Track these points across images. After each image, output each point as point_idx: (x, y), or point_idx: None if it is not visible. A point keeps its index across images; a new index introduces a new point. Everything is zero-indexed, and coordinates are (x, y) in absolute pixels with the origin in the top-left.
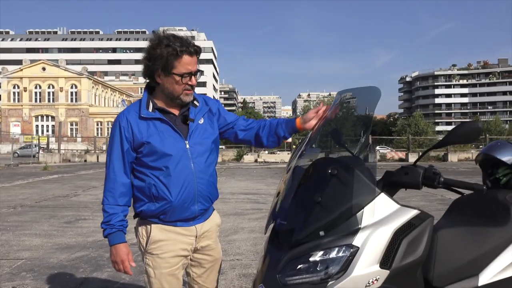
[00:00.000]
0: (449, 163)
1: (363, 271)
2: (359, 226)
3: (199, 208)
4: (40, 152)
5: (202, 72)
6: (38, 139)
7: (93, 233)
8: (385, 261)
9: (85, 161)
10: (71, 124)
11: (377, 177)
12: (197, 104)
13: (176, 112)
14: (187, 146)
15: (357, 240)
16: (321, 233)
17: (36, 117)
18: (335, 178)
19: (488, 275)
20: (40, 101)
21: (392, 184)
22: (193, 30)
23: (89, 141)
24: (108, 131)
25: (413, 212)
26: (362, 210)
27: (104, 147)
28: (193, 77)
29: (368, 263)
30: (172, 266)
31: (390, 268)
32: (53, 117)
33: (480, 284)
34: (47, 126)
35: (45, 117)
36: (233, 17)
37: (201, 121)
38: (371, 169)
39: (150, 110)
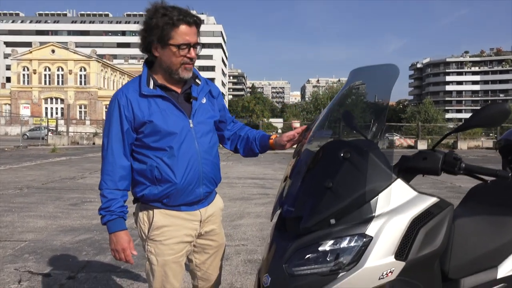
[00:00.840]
0: (459, 151)
1: (377, 263)
2: (373, 214)
3: (204, 191)
4: (49, 134)
5: (201, 45)
6: (47, 122)
7: (97, 216)
8: (401, 252)
9: (94, 144)
10: (80, 107)
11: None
12: (199, 82)
13: (178, 89)
14: (191, 125)
15: (370, 229)
16: (332, 221)
17: (46, 99)
18: (347, 162)
19: (508, 267)
20: (49, 83)
21: (408, 169)
22: (202, 13)
23: (98, 124)
24: None
25: (432, 200)
26: (376, 197)
27: None
28: (192, 49)
29: (382, 254)
30: (177, 253)
31: (406, 259)
32: (62, 100)
33: (499, 276)
34: (56, 108)
35: (54, 99)
36: (243, 2)
37: (204, 100)
38: (387, 153)
39: (151, 87)
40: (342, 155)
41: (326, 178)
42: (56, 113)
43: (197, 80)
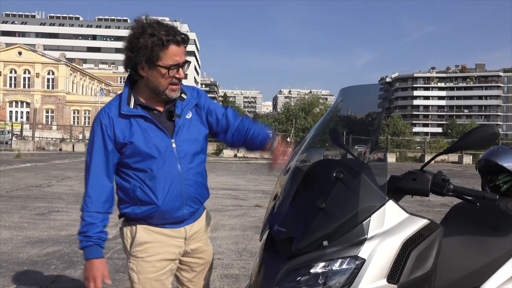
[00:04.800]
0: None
1: (369, 286)
2: (366, 236)
3: (188, 212)
4: (13, 139)
5: (189, 63)
6: (12, 126)
7: (66, 226)
8: (393, 275)
9: (60, 150)
10: (47, 112)
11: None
12: (185, 97)
13: (160, 108)
14: (173, 145)
15: (363, 252)
16: (325, 243)
17: (10, 102)
18: (340, 182)
19: (490, 287)
20: (15, 86)
21: (397, 190)
22: (176, 20)
23: (65, 129)
24: (85, 120)
25: (423, 222)
26: (369, 218)
27: (80, 136)
28: (180, 69)
29: (374, 277)
30: (158, 270)
31: (398, 282)
32: (28, 104)
33: None
34: (22, 112)
35: (19, 103)
36: (217, 10)
37: (189, 115)
38: (379, 173)
39: (132, 106)
40: (334, 175)
41: (319, 198)
42: (22, 117)
43: (182, 95)
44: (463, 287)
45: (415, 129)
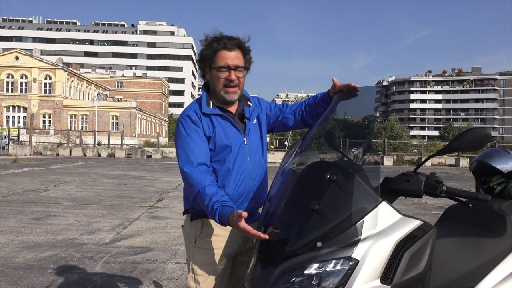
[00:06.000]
0: (423, 167)
1: (363, 286)
2: (359, 237)
3: (251, 206)
4: (10, 144)
5: (244, 68)
6: (8, 131)
7: (63, 231)
8: (386, 275)
9: (57, 154)
10: (44, 116)
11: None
12: (250, 104)
13: (232, 110)
14: (246, 142)
15: (356, 253)
16: (319, 244)
17: (7, 107)
18: (334, 184)
19: None
20: (12, 91)
21: (391, 191)
22: (173, 25)
23: (62, 134)
24: (82, 124)
25: (416, 223)
26: (362, 219)
27: (78, 141)
28: (232, 72)
29: (368, 277)
30: (220, 264)
31: (391, 283)
32: (25, 108)
33: None
34: (19, 117)
35: (16, 108)
36: (214, 14)
37: (255, 121)
38: (373, 175)
39: (211, 107)
40: (328, 177)
41: (313, 200)
42: (19, 122)
43: (248, 102)
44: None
45: (412, 132)
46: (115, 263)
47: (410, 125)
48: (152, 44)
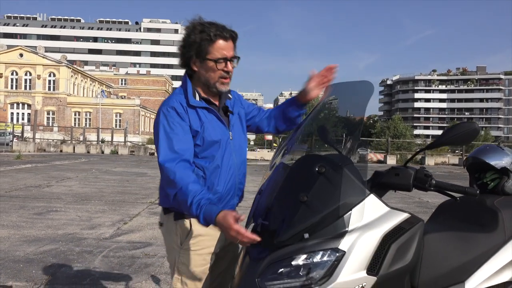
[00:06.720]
0: (426, 167)
1: (349, 277)
2: (346, 229)
3: (235, 202)
4: (14, 140)
5: (239, 58)
6: (13, 127)
7: (64, 225)
8: (373, 267)
9: (61, 151)
10: (48, 113)
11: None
12: (231, 97)
13: (216, 103)
14: (231, 137)
15: (343, 244)
16: (306, 235)
17: (12, 104)
18: (322, 176)
19: (475, 282)
20: (16, 88)
21: (381, 185)
22: (177, 23)
23: (66, 131)
24: (86, 121)
25: (403, 216)
26: (350, 212)
27: (81, 138)
28: (228, 63)
29: (354, 268)
30: (207, 263)
31: (378, 274)
32: (29, 105)
33: None
34: (23, 114)
35: (21, 104)
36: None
37: (235, 114)
38: (361, 169)
39: (197, 99)
40: (317, 169)
41: (301, 192)
42: (23, 119)
43: (229, 95)
44: (448, 282)
45: (416, 132)
46: (114, 257)
47: (414, 124)
48: (156, 42)
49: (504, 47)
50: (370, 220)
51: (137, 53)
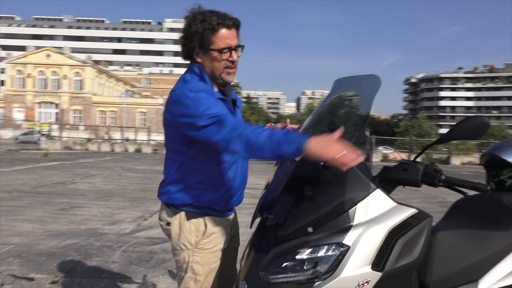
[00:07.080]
0: (452, 166)
1: (353, 272)
2: (351, 223)
3: (243, 196)
4: (42, 139)
5: (243, 47)
6: (40, 126)
7: (86, 221)
8: (378, 262)
9: (86, 149)
10: (74, 112)
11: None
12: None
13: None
14: None
15: (348, 239)
16: (310, 229)
17: (39, 103)
18: (327, 171)
19: (488, 282)
20: (43, 87)
21: (389, 180)
22: None
23: (91, 129)
24: (111, 120)
25: (411, 211)
26: (355, 206)
27: (106, 136)
28: (233, 52)
29: (359, 263)
30: (219, 260)
31: (383, 270)
32: (56, 105)
33: None
34: (50, 113)
35: (48, 104)
36: (240, 11)
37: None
38: (367, 163)
39: (215, 90)
40: (322, 164)
41: (306, 186)
42: (50, 118)
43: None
44: (461, 280)
45: (441, 131)
46: (133, 252)
47: (439, 123)
48: (178, 42)
49: None
50: (375, 215)
51: (160, 53)
